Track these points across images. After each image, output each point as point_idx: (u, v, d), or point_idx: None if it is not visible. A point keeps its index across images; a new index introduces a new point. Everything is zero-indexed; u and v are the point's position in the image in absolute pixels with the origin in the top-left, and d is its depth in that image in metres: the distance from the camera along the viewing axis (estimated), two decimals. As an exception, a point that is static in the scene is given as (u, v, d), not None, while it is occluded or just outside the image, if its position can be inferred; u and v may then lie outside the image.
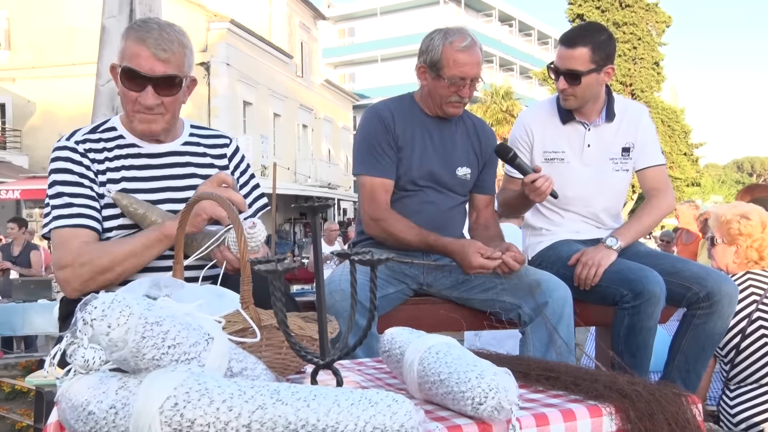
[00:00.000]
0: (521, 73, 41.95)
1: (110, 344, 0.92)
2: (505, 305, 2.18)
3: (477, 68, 2.29)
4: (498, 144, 2.43)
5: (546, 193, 2.26)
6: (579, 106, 2.52)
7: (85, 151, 1.82)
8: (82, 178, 1.79)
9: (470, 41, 2.28)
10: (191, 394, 0.89)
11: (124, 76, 1.76)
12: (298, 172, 25.59)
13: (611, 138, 2.57)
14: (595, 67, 2.41)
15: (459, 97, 2.31)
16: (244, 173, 2.04)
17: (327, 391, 0.94)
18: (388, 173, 2.31)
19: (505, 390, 1.05)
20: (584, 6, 29.18)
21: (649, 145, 2.61)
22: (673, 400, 1.17)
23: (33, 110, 20.65)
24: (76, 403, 0.94)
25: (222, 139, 2.03)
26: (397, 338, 1.29)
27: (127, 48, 1.77)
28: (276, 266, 1.00)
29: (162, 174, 1.86)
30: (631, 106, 2.66)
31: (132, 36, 1.77)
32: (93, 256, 1.69)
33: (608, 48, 2.44)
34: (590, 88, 2.45)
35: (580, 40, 2.42)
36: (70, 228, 1.73)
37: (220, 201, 1.32)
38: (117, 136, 1.87)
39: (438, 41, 2.29)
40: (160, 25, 1.80)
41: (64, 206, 1.75)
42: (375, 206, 2.30)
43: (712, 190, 47.25)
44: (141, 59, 1.75)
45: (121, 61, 1.78)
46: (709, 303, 2.23)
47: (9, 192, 14.85)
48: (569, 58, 2.42)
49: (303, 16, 26.87)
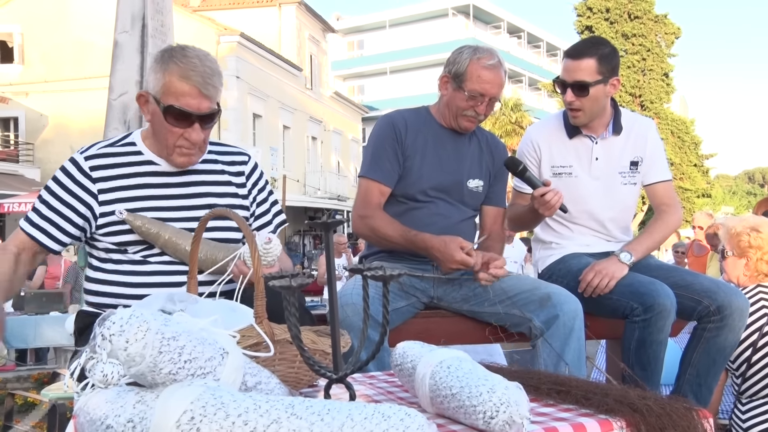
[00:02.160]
0: (530, 84, 41.99)
1: (128, 359, 0.93)
2: (516, 319, 2.18)
3: (498, 89, 2.34)
4: (508, 157, 2.45)
5: (555, 207, 2.27)
6: (587, 121, 2.53)
7: (90, 168, 1.84)
8: (66, 194, 1.83)
9: (497, 61, 2.33)
10: (207, 408, 0.90)
11: (171, 114, 1.75)
12: (308, 185, 25.68)
13: (619, 151, 2.58)
14: (602, 78, 2.43)
15: (475, 113, 2.34)
16: (263, 191, 2.06)
17: (341, 406, 0.95)
18: (386, 179, 2.34)
19: (516, 404, 1.06)
20: (593, 18, 29.21)
21: (657, 160, 2.62)
22: (684, 415, 1.18)
23: (45, 124, 20.85)
24: (95, 417, 0.96)
25: (240, 157, 2.04)
26: (408, 352, 1.30)
27: (171, 84, 1.74)
28: (290, 282, 1.02)
29: (179, 193, 1.88)
30: (639, 120, 2.67)
31: (175, 71, 1.73)
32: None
33: (613, 60, 2.47)
34: (597, 100, 2.46)
35: (586, 52, 2.45)
36: (22, 231, 1.85)
37: (234, 217, 1.34)
38: (135, 152, 1.89)
39: (466, 55, 2.34)
40: (200, 57, 1.77)
41: (36, 212, 1.85)
42: (365, 205, 2.34)
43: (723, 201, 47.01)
44: (189, 98, 1.73)
45: (162, 96, 1.75)
46: (719, 317, 2.22)
47: (21, 205, 14.95)
48: (576, 69, 2.44)
49: (312, 29, 27.06)
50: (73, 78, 19.84)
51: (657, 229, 2.55)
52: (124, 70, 3.44)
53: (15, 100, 20.61)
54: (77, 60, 19.86)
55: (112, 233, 1.82)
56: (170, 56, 1.77)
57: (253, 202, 2.02)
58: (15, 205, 14.97)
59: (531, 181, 2.34)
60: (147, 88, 1.82)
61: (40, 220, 1.84)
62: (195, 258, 1.43)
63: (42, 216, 1.84)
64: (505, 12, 42.24)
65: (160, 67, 1.76)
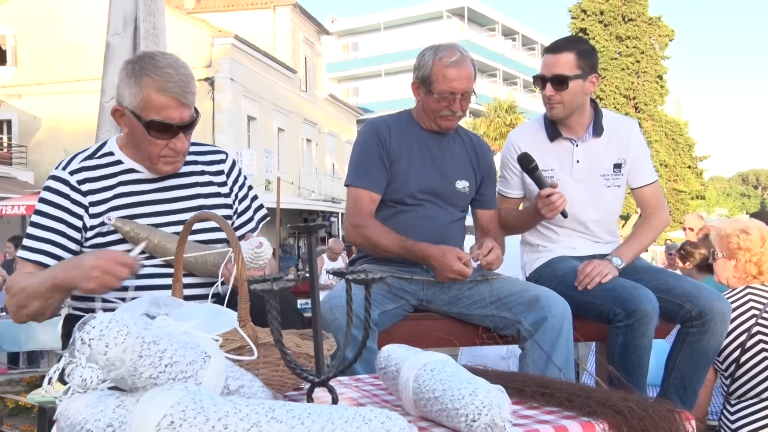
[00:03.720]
0: (524, 86, 42.05)
1: (108, 363, 0.93)
2: (505, 321, 2.19)
3: (466, 83, 2.31)
4: (521, 153, 2.43)
5: (559, 209, 2.29)
6: (565, 115, 2.51)
7: (78, 182, 1.83)
8: (60, 211, 1.81)
9: (459, 56, 2.31)
10: (187, 412, 0.90)
11: (153, 128, 1.73)
12: (303, 187, 25.65)
13: (601, 153, 2.57)
14: (581, 73, 2.44)
15: (451, 111, 2.33)
16: (243, 187, 2.07)
17: (321, 409, 0.95)
18: (375, 186, 2.34)
19: (498, 407, 1.07)
20: (587, 20, 29.31)
21: (643, 162, 2.62)
22: (666, 417, 1.18)
23: (39, 126, 20.80)
24: (75, 422, 0.95)
25: (218, 155, 2.05)
26: (393, 355, 1.30)
27: (149, 99, 1.71)
28: (272, 285, 1.02)
29: (166, 197, 1.88)
30: (621, 121, 2.66)
31: (151, 85, 1.71)
32: (17, 290, 1.75)
33: (592, 57, 2.49)
34: (576, 95, 2.46)
35: (565, 47, 2.46)
36: (26, 261, 1.79)
37: (218, 221, 1.34)
38: (115, 161, 1.88)
39: (428, 57, 2.33)
40: (173, 66, 1.74)
41: (29, 237, 1.81)
42: (357, 213, 2.33)
43: (717, 203, 47.17)
44: (170, 110, 1.72)
45: (143, 111, 1.72)
46: (701, 321, 2.23)
47: (14, 207, 14.91)
48: (555, 63, 2.45)
49: (307, 32, 27.05)
50: (67, 80, 19.80)
51: (644, 232, 2.58)
52: (116, 73, 3.40)
53: (8, 102, 20.55)
54: (70, 62, 19.82)
55: (99, 245, 1.81)
56: (141, 68, 1.73)
57: (235, 199, 2.03)
58: (8, 208, 14.92)
59: (540, 180, 2.35)
60: (122, 102, 1.77)
61: (40, 244, 1.80)
62: (180, 261, 1.43)
63: (40, 239, 1.80)
64: (499, 14, 42.31)
65: (133, 81, 1.73)
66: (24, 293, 1.74)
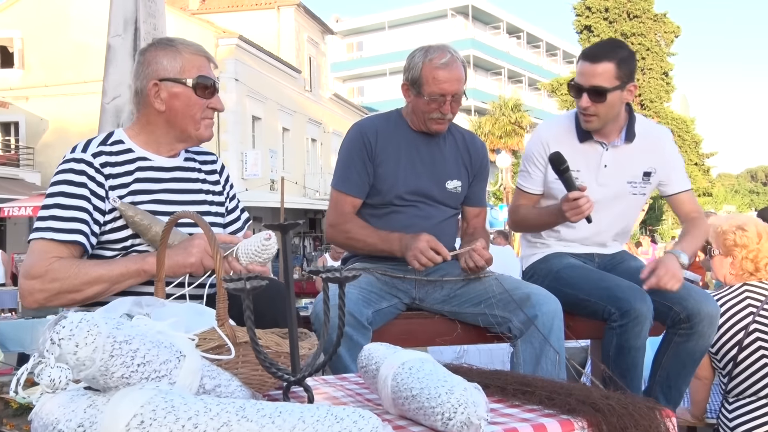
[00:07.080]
0: (530, 84, 41.97)
1: (78, 363, 0.93)
2: (496, 319, 2.18)
3: (457, 85, 2.28)
4: (553, 152, 2.33)
5: (584, 214, 2.22)
6: (600, 127, 2.42)
7: (100, 165, 1.79)
8: (87, 191, 1.75)
9: (450, 58, 2.28)
10: (157, 411, 0.90)
11: (200, 86, 1.84)
12: (307, 186, 25.68)
13: (630, 160, 2.48)
14: (620, 84, 2.32)
15: (441, 114, 2.31)
16: (232, 188, 2.13)
17: (293, 408, 0.95)
18: (356, 191, 2.36)
19: (474, 405, 1.06)
20: (592, 17, 29.24)
21: (678, 169, 2.55)
22: (646, 414, 1.17)
23: (46, 128, 20.89)
24: (47, 422, 0.96)
25: (210, 156, 2.09)
26: (374, 354, 1.30)
27: (189, 60, 1.84)
28: (244, 284, 1.02)
29: (173, 187, 1.90)
30: (654, 129, 2.58)
31: (185, 50, 1.85)
32: (67, 274, 1.64)
33: (631, 64, 2.37)
34: (613, 107, 2.35)
35: (605, 56, 2.32)
36: (56, 242, 1.68)
37: (197, 219, 1.34)
38: (126, 149, 1.87)
39: (418, 58, 2.30)
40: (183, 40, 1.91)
41: (56, 218, 1.70)
42: (336, 214, 2.36)
43: (725, 199, 46.89)
44: (206, 69, 1.86)
45: (184, 74, 1.83)
46: (689, 324, 2.22)
47: (22, 209, 15.00)
48: (593, 74, 2.31)
49: (311, 31, 27.06)
50: (73, 82, 19.86)
51: (699, 235, 2.48)
52: (117, 74, 3.45)
53: (15, 104, 20.64)
54: (77, 64, 19.88)
55: (105, 232, 1.79)
56: (168, 42, 1.88)
57: (227, 198, 2.08)
58: (15, 209, 15.01)
59: (569, 182, 2.26)
60: (158, 76, 1.82)
61: (74, 224, 1.70)
62: (162, 262, 1.43)
63: (72, 219, 1.71)
64: (504, 12, 42.27)
65: (169, 50, 1.84)
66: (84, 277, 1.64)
